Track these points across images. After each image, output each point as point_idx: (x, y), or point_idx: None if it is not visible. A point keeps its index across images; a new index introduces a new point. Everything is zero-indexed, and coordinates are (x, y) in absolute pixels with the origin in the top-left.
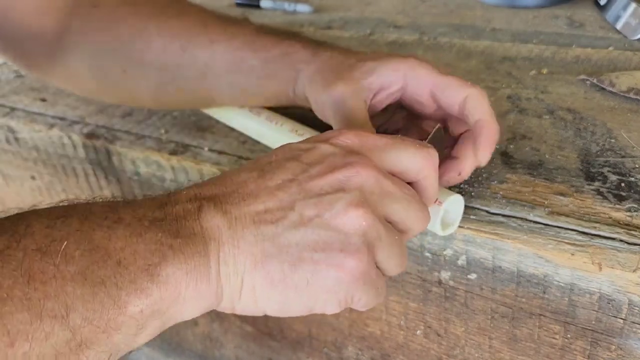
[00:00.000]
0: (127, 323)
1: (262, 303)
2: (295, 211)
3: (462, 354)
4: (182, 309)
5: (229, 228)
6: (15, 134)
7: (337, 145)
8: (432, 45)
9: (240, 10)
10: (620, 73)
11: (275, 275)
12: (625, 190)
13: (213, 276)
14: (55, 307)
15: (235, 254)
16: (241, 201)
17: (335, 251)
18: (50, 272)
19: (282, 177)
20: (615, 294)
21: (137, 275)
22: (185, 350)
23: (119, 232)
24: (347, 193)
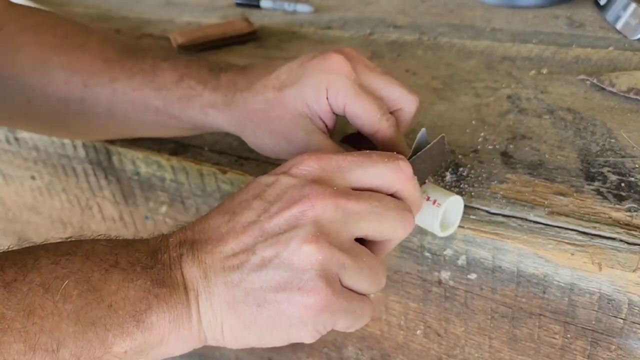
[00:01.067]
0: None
1: (242, 341)
2: (256, 254)
3: (462, 353)
4: (166, 351)
5: (204, 278)
6: (15, 133)
7: (296, 175)
8: (432, 45)
9: (240, 10)
10: (620, 73)
11: (246, 318)
12: (625, 190)
13: (194, 323)
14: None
15: (212, 301)
16: (213, 248)
17: (294, 290)
18: (49, 309)
19: (247, 218)
20: (615, 294)
21: (125, 319)
22: None
23: (114, 276)
24: (300, 229)
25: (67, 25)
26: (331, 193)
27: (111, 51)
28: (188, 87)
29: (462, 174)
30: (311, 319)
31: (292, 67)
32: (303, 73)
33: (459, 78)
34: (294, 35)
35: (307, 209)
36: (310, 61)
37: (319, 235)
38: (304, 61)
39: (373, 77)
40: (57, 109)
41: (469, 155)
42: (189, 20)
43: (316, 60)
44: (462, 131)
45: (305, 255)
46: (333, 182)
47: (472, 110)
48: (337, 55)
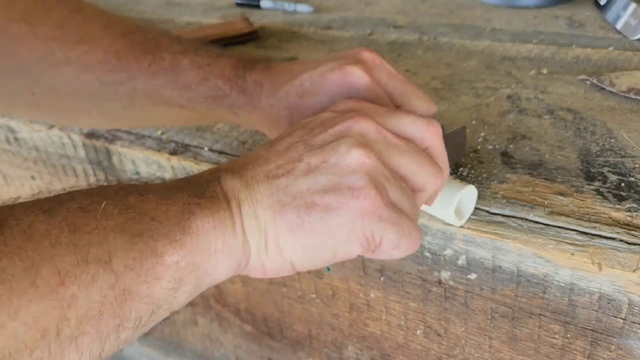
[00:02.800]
0: (165, 274)
1: (287, 252)
2: (302, 162)
3: (462, 353)
4: (215, 263)
5: (245, 187)
6: (15, 134)
7: (339, 110)
8: (432, 45)
9: (240, 10)
10: (620, 73)
11: (293, 222)
12: (625, 190)
13: (238, 230)
14: (99, 253)
15: (255, 208)
16: (255, 166)
17: (344, 190)
18: (92, 225)
19: (289, 141)
20: (615, 294)
21: (170, 228)
22: (186, 350)
23: (150, 197)
24: (348, 137)
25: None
26: (373, 119)
27: (121, 43)
28: (214, 87)
29: (462, 174)
30: (359, 220)
31: (314, 75)
32: (325, 85)
33: (459, 78)
34: (294, 35)
35: (352, 123)
36: (332, 73)
37: (366, 142)
38: (324, 72)
39: (393, 85)
40: (66, 103)
41: (469, 155)
42: (189, 20)
43: (337, 74)
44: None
45: (354, 158)
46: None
47: (472, 110)
48: (357, 68)
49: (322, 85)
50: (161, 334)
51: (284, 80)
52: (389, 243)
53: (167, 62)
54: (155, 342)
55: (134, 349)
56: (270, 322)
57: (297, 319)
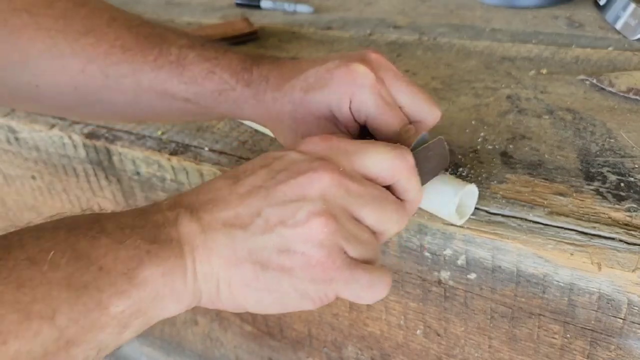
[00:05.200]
0: (110, 323)
1: (240, 300)
2: (261, 217)
3: (462, 353)
4: (162, 307)
5: (201, 232)
6: (15, 134)
7: (304, 152)
8: (432, 45)
9: (240, 11)
10: (619, 73)
11: (248, 276)
12: (624, 190)
13: (189, 277)
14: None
15: (209, 255)
16: (213, 208)
17: (298, 255)
18: (37, 279)
19: (251, 183)
20: (615, 294)
21: (117, 278)
22: (186, 349)
23: (102, 241)
24: (308, 202)
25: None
26: (338, 171)
27: (126, 37)
28: (220, 81)
29: (461, 174)
30: (312, 284)
31: (319, 71)
32: (330, 80)
33: (458, 78)
34: (294, 35)
35: (314, 180)
36: (338, 69)
37: (326, 209)
38: (330, 68)
39: (398, 86)
40: (71, 97)
41: (469, 155)
42: (189, 20)
43: (342, 71)
44: (461, 131)
45: (311, 228)
46: (339, 163)
47: (471, 111)
48: (363, 66)
49: (327, 80)
50: (161, 333)
51: (290, 75)
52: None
53: (173, 55)
54: (155, 341)
55: (134, 348)
56: (270, 322)
57: (297, 318)
